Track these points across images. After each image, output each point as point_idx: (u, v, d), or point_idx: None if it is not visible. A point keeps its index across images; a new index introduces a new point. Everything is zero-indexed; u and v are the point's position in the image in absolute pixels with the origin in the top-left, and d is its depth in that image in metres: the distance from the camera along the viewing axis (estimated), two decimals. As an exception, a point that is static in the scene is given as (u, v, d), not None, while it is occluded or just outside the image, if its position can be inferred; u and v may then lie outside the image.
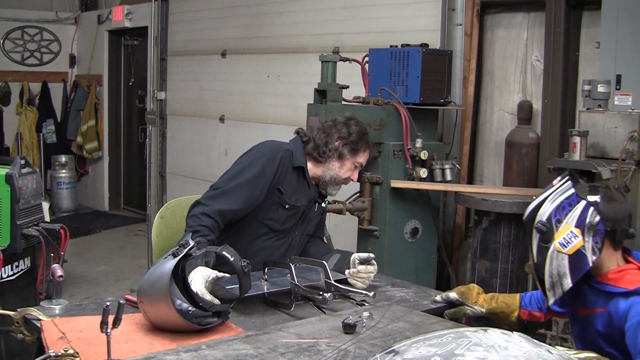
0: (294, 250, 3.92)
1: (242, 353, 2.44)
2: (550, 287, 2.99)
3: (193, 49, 9.67)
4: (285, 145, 3.91)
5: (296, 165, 3.84)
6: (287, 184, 3.80)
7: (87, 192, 12.47)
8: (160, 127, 10.51)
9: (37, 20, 12.07)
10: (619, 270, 2.98)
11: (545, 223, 2.96)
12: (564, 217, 2.94)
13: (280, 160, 3.77)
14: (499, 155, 6.15)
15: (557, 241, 2.93)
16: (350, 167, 3.91)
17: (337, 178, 3.90)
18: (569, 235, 2.92)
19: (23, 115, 11.78)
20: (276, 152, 3.79)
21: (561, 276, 2.94)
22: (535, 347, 1.67)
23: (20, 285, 5.03)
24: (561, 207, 2.96)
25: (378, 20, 6.97)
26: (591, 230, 2.90)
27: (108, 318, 2.35)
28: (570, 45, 5.61)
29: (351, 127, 3.91)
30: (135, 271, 8.19)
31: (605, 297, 2.99)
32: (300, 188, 3.86)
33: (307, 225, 4.00)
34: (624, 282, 2.94)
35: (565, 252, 2.92)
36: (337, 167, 3.89)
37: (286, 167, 3.80)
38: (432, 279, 5.70)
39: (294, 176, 3.84)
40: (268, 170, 3.72)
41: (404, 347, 1.72)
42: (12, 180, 4.80)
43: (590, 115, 4.77)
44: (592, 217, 2.90)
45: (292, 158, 3.84)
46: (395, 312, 3.01)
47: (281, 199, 3.77)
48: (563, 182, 3.02)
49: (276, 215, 3.79)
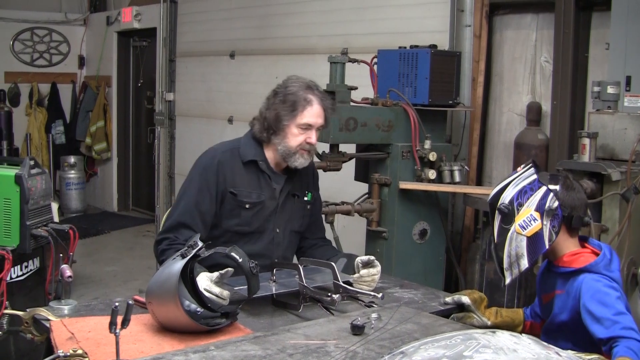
0: (280, 249, 3.82)
1: (251, 354, 2.44)
2: (508, 266, 3.16)
3: (201, 50, 9.68)
4: (224, 146, 3.83)
5: (245, 160, 3.74)
6: (241, 183, 3.70)
7: (96, 193, 12.50)
8: (169, 128, 10.53)
9: (47, 22, 12.10)
10: (574, 253, 3.17)
11: (507, 206, 3.14)
12: (525, 201, 3.12)
13: (217, 166, 3.69)
14: (508, 156, 6.14)
15: (517, 223, 3.12)
16: (296, 133, 3.65)
17: (288, 149, 3.67)
18: (528, 218, 3.10)
19: (32, 116, 11.82)
20: (211, 160, 3.73)
21: (519, 257, 3.12)
22: (544, 349, 1.67)
23: (30, 286, 5.04)
24: (523, 192, 3.14)
25: (386, 21, 6.97)
26: (549, 214, 3.09)
27: (117, 318, 2.35)
28: (579, 46, 5.59)
29: (285, 88, 3.70)
30: (144, 272, 8.20)
31: (562, 279, 3.18)
32: (260, 182, 3.75)
33: (290, 220, 3.86)
34: (577, 263, 3.12)
35: (524, 234, 3.10)
36: (282, 138, 3.67)
37: (231, 168, 3.70)
38: (441, 281, 5.69)
39: (248, 172, 3.74)
40: (206, 182, 3.67)
41: (413, 349, 1.72)
42: (22, 180, 4.81)
43: (600, 116, 4.76)
44: (551, 202, 3.09)
45: (239, 155, 3.74)
46: (404, 314, 3.01)
47: (238, 201, 3.68)
48: (526, 169, 3.21)
49: (240, 218, 3.71)
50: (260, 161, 3.75)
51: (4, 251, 4.55)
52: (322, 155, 5.13)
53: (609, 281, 3.01)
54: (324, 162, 5.10)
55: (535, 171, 3.18)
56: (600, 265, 3.06)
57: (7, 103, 11.43)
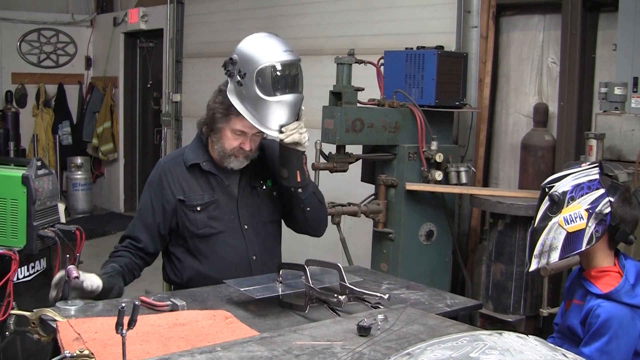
0: (255, 243, 3.73)
1: (257, 355, 2.43)
2: (539, 254, 3.13)
3: (208, 51, 9.68)
4: (170, 155, 3.89)
5: (189, 164, 3.70)
6: (188, 188, 3.67)
7: (103, 194, 12.52)
8: (176, 129, 10.54)
9: (54, 23, 12.14)
10: (601, 270, 3.13)
11: (559, 195, 3.09)
12: (579, 197, 3.07)
13: (159, 177, 3.70)
14: (515, 158, 6.13)
15: (562, 215, 3.07)
16: (230, 137, 3.58)
17: (223, 150, 3.61)
18: (575, 214, 3.05)
19: (39, 117, 11.86)
20: (154, 174, 3.75)
21: (552, 248, 3.09)
22: (551, 350, 1.66)
23: (36, 286, 5.04)
24: (580, 187, 3.09)
25: (393, 22, 6.97)
26: (597, 218, 3.05)
27: (123, 319, 2.35)
28: (586, 47, 5.59)
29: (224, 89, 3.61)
30: (150, 273, 8.08)
31: (583, 292, 3.18)
32: (210, 183, 3.69)
33: (256, 213, 3.73)
34: (600, 284, 3.09)
35: (566, 228, 3.06)
36: (218, 138, 3.62)
37: (175, 176, 3.68)
38: (447, 282, 5.68)
39: (194, 176, 3.69)
40: (150, 197, 3.73)
41: (419, 350, 1.71)
42: (29, 181, 4.80)
43: (607, 117, 4.75)
44: (603, 207, 3.05)
45: (183, 162, 3.71)
46: (410, 315, 3.00)
47: (187, 206, 3.65)
48: (591, 167, 3.15)
49: (197, 222, 3.66)
50: (203, 162, 3.70)
51: (11, 252, 4.54)
52: (329, 156, 5.14)
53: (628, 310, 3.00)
54: (330, 163, 5.11)
55: (599, 171, 3.13)
56: (621, 292, 3.03)
57: (14, 104, 11.47)
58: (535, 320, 5.04)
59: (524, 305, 5.02)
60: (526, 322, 5.06)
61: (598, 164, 3.17)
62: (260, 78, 3.43)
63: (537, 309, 4.95)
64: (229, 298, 3.34)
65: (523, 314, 5.03)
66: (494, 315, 5.07)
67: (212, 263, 3.67)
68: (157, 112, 11.26)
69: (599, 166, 3.16)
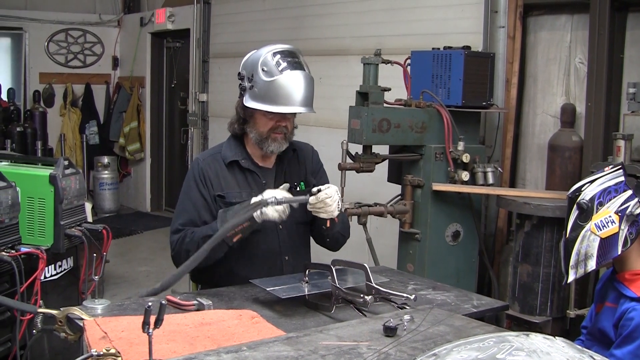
0: (288, 244, 3.74)
1: (283, 355, 2.44)
2: (575, 264, 3.09)
3: (235, 51, 9.69)
4: (206, 153, 3.86)
5: (227, 161, 3.70)
6: (227, 185, 3.67)
7: (129, 193, 12.59)
8: (202, 129, 10.58)
9: (81, 23, 12.22)
10: (635, 272, 3.08)
11: (587, 202, 3.04)
12: (607, 201, 3.03)
13: (199, 173, 3.68)
14: (542, 158, 6.10)
15: (593, 222, 3.02)
16: (264, 118, 3.60)
17: (260, 134, 3.64)
18: (607, 219, 3.01)
19: (66, 117, 11.94)
20: (193, 169, 3.73)
21: (588, 257, 3.04)
22: (578, 352, 1.65)
23: (63, 285, 5.08)
24: (607, 192, 3.05)
25: (420, 22, 6.95)
26: (629, 220, 3.01)
27: (150, 318, 2.36)
28: (614, 47, 5.54)
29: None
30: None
31: (616, 294, 3.11)
32: (248, 181, 3.70)
33: (292, 212, 3.57)
34: (634, 287, 3.04)
35: (599, 234, 3.01)
36: (253, 125, 3.66)
37: (215, 173, 3.68)
38: (473, 283, 5.67)
39: (233, 173, 3.70)
40: (197, 187, 3.67)
41: (445, 351, 1.71)
42: (56, 180, 4.85)
43: (635, 118, 4.72)
44: (634, 208, 3.01)
45: (221, 159, 3.71)
46: (436, 316, 2.99)
47: (227, 203, 3.62)
48: (615, 170, 3.11)
49: None
50: (241, 160, 3.71)
51: (39, 250, 4.59)
52: (355, 156, 5.13)
53: None
54: (357, 163, 5.11)
55: (623, 173, 3.10)
56: None
57: (41, 104, 11.55)
58: (562, 321, 5.01)
59: (551, 307, 4.99)
60: (553, 324, 5.02)
61: (621, 166, 3.13)
62: (264, 66, 3.54)
63: (564, 310, 4.92)
64: (255, 298, 3.34)
65: (550, 316, 5.00)
66: (521, 317, 5.05)
67: (246, 262, 3.66)
68: (184, 111, 11.30)
69: (622, 168, 3.12)
